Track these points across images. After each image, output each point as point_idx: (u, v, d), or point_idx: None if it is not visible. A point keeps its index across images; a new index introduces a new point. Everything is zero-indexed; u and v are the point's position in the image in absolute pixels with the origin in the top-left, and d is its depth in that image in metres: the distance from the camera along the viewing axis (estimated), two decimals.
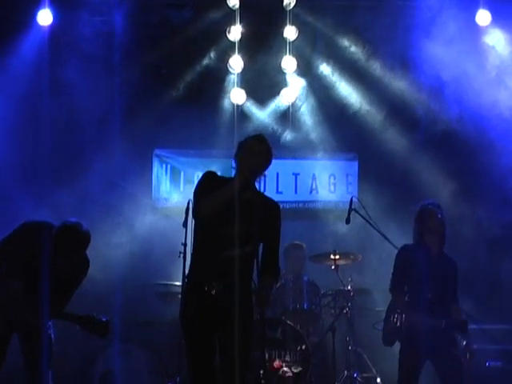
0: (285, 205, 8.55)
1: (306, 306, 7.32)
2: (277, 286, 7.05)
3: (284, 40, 8.29)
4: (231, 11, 8.10)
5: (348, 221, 7.10)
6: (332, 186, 8.95)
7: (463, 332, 5.68)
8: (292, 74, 8.52)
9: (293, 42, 8.32)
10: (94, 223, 5.91)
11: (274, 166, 4.90)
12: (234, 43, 8.28)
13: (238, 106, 8.54)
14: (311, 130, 8.77)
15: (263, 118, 8.76)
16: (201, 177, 4.91)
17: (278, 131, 8.74)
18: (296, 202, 8.92)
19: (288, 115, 8.69)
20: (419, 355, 5.57)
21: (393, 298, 5.86)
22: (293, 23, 8.21)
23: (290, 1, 8.09)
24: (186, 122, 8.20)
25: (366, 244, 7.89)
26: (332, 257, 7.53)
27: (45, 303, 5.11)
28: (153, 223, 8.42)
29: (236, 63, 8.35)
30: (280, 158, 8.24)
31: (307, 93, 8.75)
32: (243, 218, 4.60)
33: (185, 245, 6.61)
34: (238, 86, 8.49)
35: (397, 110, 8.55)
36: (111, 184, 8.26)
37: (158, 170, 8.86)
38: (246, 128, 8.46)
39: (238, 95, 8.49)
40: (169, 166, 8.88)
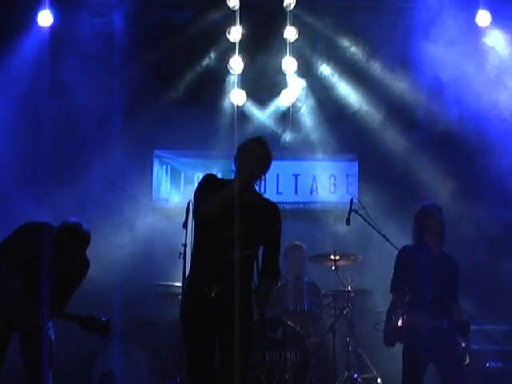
0: (285, 206, 8.57)
1: (306, 306, 7.31)
2: (277, 286, 7.04)
3: (284, 41, 8.29)
4: (231, 12, 8.10)
5: (348, 221, 7.11)
6: (332, 186, 8.94)
7: (465, 333, 5.68)
8: (292, 74, 8.52)
9: (293, 42, 8.32)
10: (94, 224, 5.89)
11: (274, 167, 4.91)
12: (234, 44, 8.27)
13: (238, 106, 8.54)
14: (311, 130, 8.77)
15: (263, 119, 8.76)
16: (201, 179, 4.92)
17: (278, 132, 8.74)
18: (296, 203, 8.91)
19: (288, 116, 8.69)
20: (421, 356, 5.57)
21: (393, 298, 5.86)
22: (293, 24, 8.21)
23: (290, 1, 8.09)
24: (186, 122, 8.20)
25: (366, 245, 7.88)
26: (332, 257, 7.52)
27: (45, 303, 5.10)
28: (153, 224, 8.41)
29: (236, 64, 8.34)
30: (280, 158, 8.25)
31: (307, 93, 8.75)
32: (243, 220, 4.60)
33: (185, 245, 6.60)
34: (238, 86, 8.49)
35: (397, 111, 8.54)
36: (111, 184, 8.26)
37: (158, 170, 8.85)
38: (246, 129, 8.47)
39: (238, 96, 8.49)
40: (169, 167, 8.87)
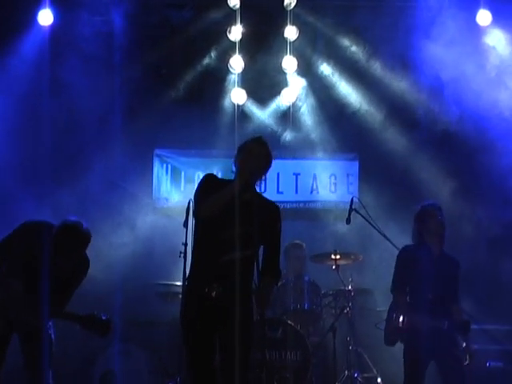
0: (285, 205, 8.57)
1: (306, 306, 7.31)
2: (277, 286, 7.04)
3: (284, 40, 8.29)
4: (232, 11, 8.10)
5: (349, 221, 7.11)
6: (333, 185, 8.93)
7: (465, 333, 5.68)
8: (292, 73, 8.52)
9: (293, 42, 8.31)
10: (94, 223, 5.90)
11: (274, 166, 4.91)
12: (234, 43, 8.27)
13: (238, 105, 8.54)
14: (312, 129, 8.76)
15: (264, 118, 8.76)
16: (201, 179, 4.93)
17: (279, 131, 8.74)
18: (296, 202, 8.90)
19: (288, 115, 8.69)
20: (421, 356, 5.56)
21: (394, 298, 5.85)
22: (293, 23, 8.20)
23: (290, 1, 8.09)
24: (186, 121, 8.21)
25: (366, 244, 7.88)
26: (333, 257, 7.52)
27: (45, 303, 5.10)
28: (153, 223, 8.41)
29: (236, 63, 8.34)
30: (280, 158, 8.24)
31: (308, 93, 8.74)
32: (243, 220, 4.60)
33: (185, 245, 6.59)
34: (238, 85, 8.49)
35: (397, 110, 8.54)
36: (112, 184, 8.26)
37: (158, 169, 8.85)
38: (247, 128, 8.48)
39: (238, 95, 8.49)
40: (169, 166, 8.87)
